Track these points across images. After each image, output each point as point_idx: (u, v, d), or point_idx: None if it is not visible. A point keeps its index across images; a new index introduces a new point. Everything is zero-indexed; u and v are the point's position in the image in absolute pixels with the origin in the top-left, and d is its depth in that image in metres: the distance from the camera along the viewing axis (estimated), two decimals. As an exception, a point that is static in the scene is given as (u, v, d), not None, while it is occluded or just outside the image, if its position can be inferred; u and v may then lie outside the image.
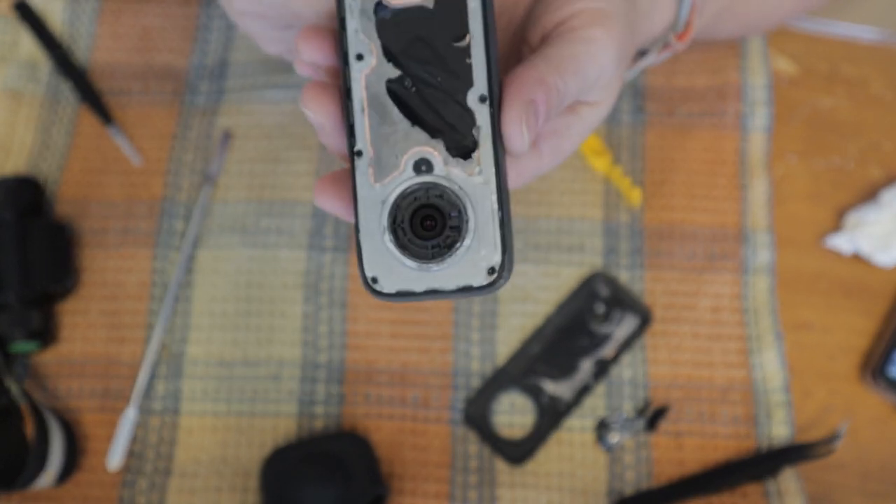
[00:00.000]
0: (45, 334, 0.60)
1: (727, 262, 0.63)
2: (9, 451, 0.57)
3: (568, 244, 0.64)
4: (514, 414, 0.60)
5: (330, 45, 0.37)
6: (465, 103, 0.35)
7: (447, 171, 0.35)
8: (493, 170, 0.35)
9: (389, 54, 0.35)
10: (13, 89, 0.67)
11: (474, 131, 0.35)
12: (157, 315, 0.62)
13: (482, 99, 0.35)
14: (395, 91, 0.35)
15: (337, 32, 0.36)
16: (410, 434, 0.59)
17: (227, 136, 0.66)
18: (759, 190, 0.64)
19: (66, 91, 0.67)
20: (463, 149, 0.35)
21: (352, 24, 0.35)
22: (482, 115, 0.35)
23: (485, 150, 0.35)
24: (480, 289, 0.35)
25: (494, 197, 0.35)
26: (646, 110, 0.67)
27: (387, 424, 0.60)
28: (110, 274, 0.63)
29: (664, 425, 0.59)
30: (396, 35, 0.35)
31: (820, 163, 0.66)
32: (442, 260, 0.35)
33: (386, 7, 0.35)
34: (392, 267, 0.35)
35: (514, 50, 0.44)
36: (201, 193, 0.64)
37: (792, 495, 0.57)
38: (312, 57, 0.37)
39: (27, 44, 0.68)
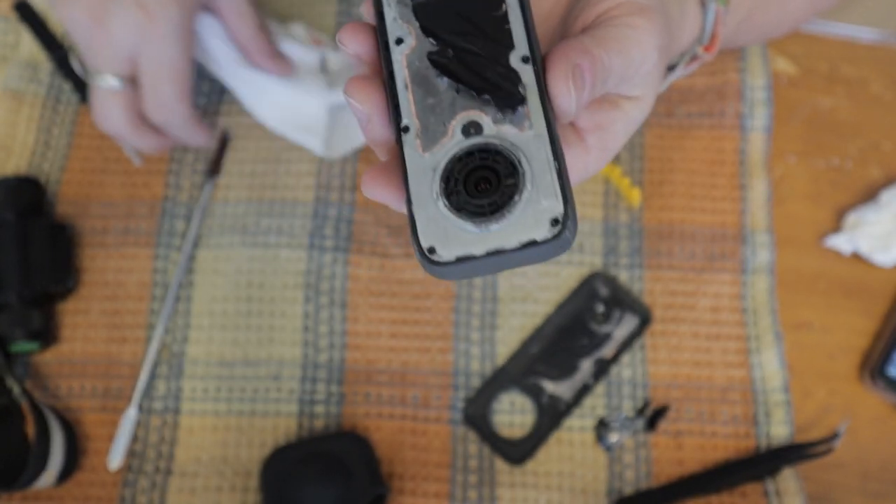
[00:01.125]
0: (46, 334, 0.60)
1: (727, 262, 0.63)
2: (10, 451, 0.58)
3: (568, 244, 0.64)
4: (514, 414, 0.60)
5: (373, 37, 0.37)
6: (510, 64, 0.35)
7: (497, 129, 0.34)
8: (543, 123, 0.34)
9: (429, 31, 0.36)
10: (14, 90, 0.67)
11: (521, 88, 0.35)
12: (157, 315, 0.62)
13: (525, 59, 0.35)
14: (437, 61, 0.35)
15: (377, 25, 0.37)
16: (410, 434, 0.60)
17: (228, 136, 0.66)
18: (758, 190, 0.64)
19: (67, 91, 0.67)
20: (512, 106, 0.35)
21: (389, 13, 0.36)
22: (527, 74, 0.35)
23: (533, 104, 0.35)
24: (545, 244, 0.33)
25: (549, 148, 0.34)
26: (645, 110, 0.67)
27: (387, 424, 0.60)
28: (111, 274, 0.63)
29: (664, 425, 0.59)
30: (434, 14, 0.36)
31: (820, 163, 0.66)
32: (502, 216, 0.33)
33: None
34: (449, 233, 0.34)
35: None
36: (202, 193, 0.64)
37: (791, 495, 0.57)
38: (356, 50, 0.37)
39: (28, 44, 0.68)
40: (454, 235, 0.34)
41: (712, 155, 0.66)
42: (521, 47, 0.36)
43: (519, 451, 0.59)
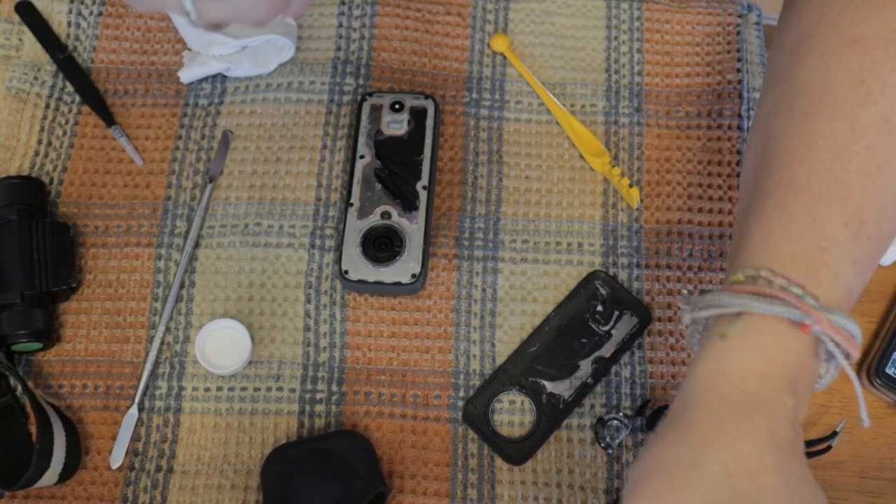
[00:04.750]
0: (49, 334, 0.60)
1: (725, 261, 0.63)
2: (13, 450, 0.58)
3: (567, 244, 0.64)
4: (513, 413, 0.60)
5: None
6: (416, 188, 0.63)
7: (398, 219, 0.62)
8: (424, 224, 0.62)
9: (378, 156, 0.64)
10: (17, 90, 0.67)
11: (417, 202, 0.62)
12: (159, 314, 0.62)
13: (424, 187, 0.63)
14: (378, 175, 0.63)
15: (351, 144, 0.65)
16: (411, 433, 0.60)
17: (229, 137, 0.66)
18: (757, 190, 0.65)
19: (70, 92, 0.68)
20: (409, 210, 0.62)
21: (360, 139, 0.64)
22: (422, 194, 0.63)
23: (421, 212, 0.62)
24: (406, 285, 0.61)
25: (423, 237, 0.61)
26: (644, 111, 0.68)
27: (387, 423, 0.60)
28: (113, 273, 0.63)
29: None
30: (384, 147, 0.64)
31: (818, 163, 0.66)
32: (387, 265, 0.61)
33: (381, 133, 0.64)
34: (358, 266, 0.61)
35: None
36: (203, 194, 0.65)
37: (790, 493, 0.58)
38: None
39: (30, 45, 0.69)
40: (360, 268, 0.61)
41: (711, 155, 0.66)
42: (424, 179, 0.63)
43: (519, 451, 0.59)
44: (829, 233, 0.44)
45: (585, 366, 0.61)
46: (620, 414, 0.59)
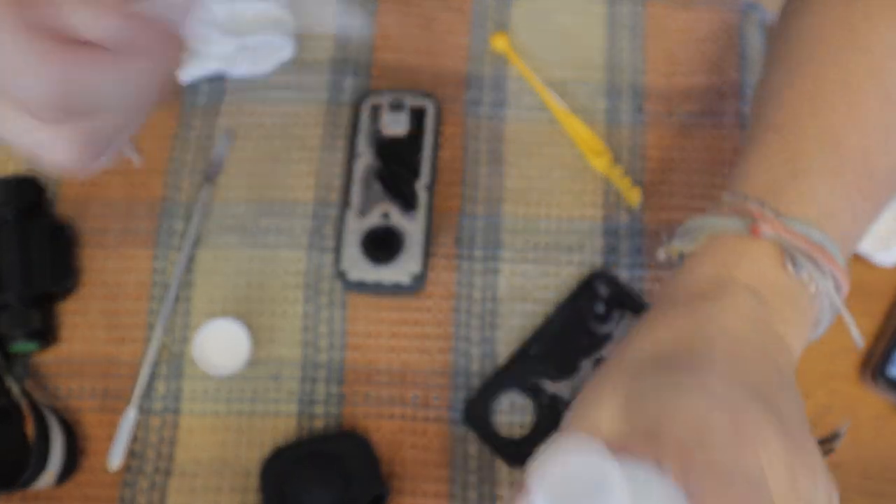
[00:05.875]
0: (46, 334, 0.60)
1: (727, 261, 0.63)
2: (10, 452, 0.58)
3: (568, 244, 0.64)
4: (514, 414, 0.60)
5: None
6: (415, 187, 0.62)
7: (398, 218, 0.61)
8: (424, 223, 0.61)
9: (378, 156, 0.63)
10: (14, 90, 0.67)
11: (416, 202, 0.62)
12: (157, 315, 0.62)
13: (424, 187, 0.62)
14: (377, 174, 0.63)
15: (349, 144, 0.64)
16: (410, 434, 0.60)
17: (228, 136, 0.66)
18: (758, 190, 0.64)
19: (67, 91, 0.67)
20: (409, 209, 0.61)
21: (360, 139, 0.64)
22: (422, 194, 0.62)
23: (420, 212, 0.62)
24: (405, 286, 0.60)
25: (422, 236, 0.61)
26: (645, 110, 0.67)
27: (387, 424, 0.60)
28: (110, 274, 0.63)
29: (664, 425, 0.59)
30: (384, 146, 0.63)
31: (820, 163, 0.66)
32: (387, 265, 0.60)
33: (381, 132, 0.64)
34: (357, 265, 0.60)
35: None
36: (202, 193, 0.64)
37: (792, 495, 0.57)
38: None
39: (28, 44, 0.68)
40: (359, 268, 0.60)
41: (712, 154, 0.66)
42: (424, 178, 0.62)
43: (519, 451, 0.59)
44: (805, 163, 0.44)
45: (586, 366, 0.61)
46: (621, 415, 0.59)
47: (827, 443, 0.58)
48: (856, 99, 0.46)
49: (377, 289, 0.61)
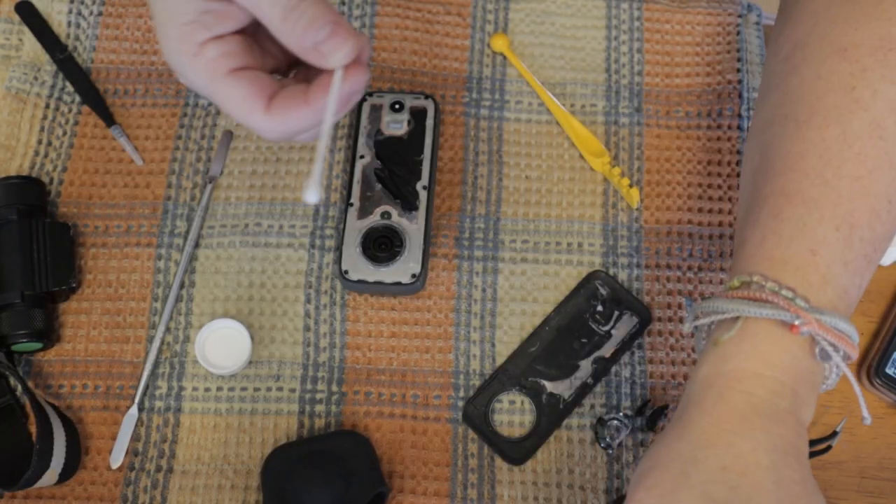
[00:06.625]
0: (49, 334, 0.60)
1: (725, 261, 0.63)
2: (13, 450, 0.58)
3: (567, 244, 0.64)
4: (513, 413, 0.60)
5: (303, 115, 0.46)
6: (415, 188, 0.62)
7: (398, 219, 0.61)
8: (424, 223, 0.61)
9: (378, 156, 0.64)
10: (17, 90, 0.67)
11: (417, 202, 0.62)
12: (159, 314, 0.62)
13: (424, 187, 0.63)
14: (378, 175, 0.63)
15: (351, 145, 0.65)
16: (411, 433, 0.60)
17: (229, 136, 0.66)
18: (757, 190, 0.65)
19: (70, 92, 0.68)
20: (409, 210, 0.62)
21: (360, 139, 0.64)
22: (422, 194, 0.62)
23: (421, 212, 0.62)
24: (405, 286, 0.60)
25: (423, 236, 0.61)
26: (644, 111, 0.68)
27: (387, 423, 0.60)
28: (113, 273, 0.63)
29: (663, 424, 0.60)
30: (384, 147, 0.64)
31: (818, 163, 0.66)
32: (388, 264, 0.60)
33: (381, 133, 0.64)
34: (358, 266, 0.61)
35: None
36: (203, 193, 0.65)
37: (790, 493, 0.58)
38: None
39: (30, 45, 0.69)
40: (360, 268, 0.61)
41: (711, 155, 0.66)
42: (424, 179, 0.63)
43: (519, 451, 0.59)
44: (820, 236, 0.45)
45: (585, 366, 0.61)
46: (620, 414, 0.59)
47: (824, 441, 0.58)
48: (860, 163, 0.46)
49: (377, 288, 0.61)
